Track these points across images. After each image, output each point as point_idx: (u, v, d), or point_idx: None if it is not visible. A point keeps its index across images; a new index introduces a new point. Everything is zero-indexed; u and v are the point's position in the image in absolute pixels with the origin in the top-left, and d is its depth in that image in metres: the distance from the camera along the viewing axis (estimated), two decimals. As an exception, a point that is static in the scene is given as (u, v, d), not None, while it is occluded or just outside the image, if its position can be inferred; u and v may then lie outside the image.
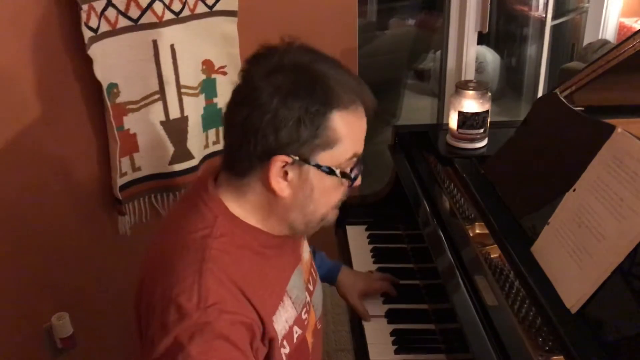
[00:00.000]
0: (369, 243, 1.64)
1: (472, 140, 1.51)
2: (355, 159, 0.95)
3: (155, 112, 1.64)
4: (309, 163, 0.90)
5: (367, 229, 1.70)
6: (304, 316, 1.07)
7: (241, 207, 0.95)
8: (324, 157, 0.90)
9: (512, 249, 1.12)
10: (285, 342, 1.00)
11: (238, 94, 0.92)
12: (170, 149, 1.70)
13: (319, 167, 0.90)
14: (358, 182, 0.98)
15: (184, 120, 1.70)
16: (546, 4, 3.36)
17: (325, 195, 0.95)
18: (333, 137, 0.89)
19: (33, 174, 1.51)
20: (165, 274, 0.89)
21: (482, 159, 1.44)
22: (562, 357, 0.91)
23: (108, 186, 1.64)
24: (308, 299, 1.11)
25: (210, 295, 0.86)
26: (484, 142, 1.53)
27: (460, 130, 1.51)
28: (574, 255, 0.99)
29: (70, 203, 1.61)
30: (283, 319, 1.00)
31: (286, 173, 0.90)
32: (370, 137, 0.99)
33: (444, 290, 1.13)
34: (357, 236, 1.67)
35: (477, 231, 1.27)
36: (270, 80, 0.87)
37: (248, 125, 0.88)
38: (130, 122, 1.60)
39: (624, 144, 1.00)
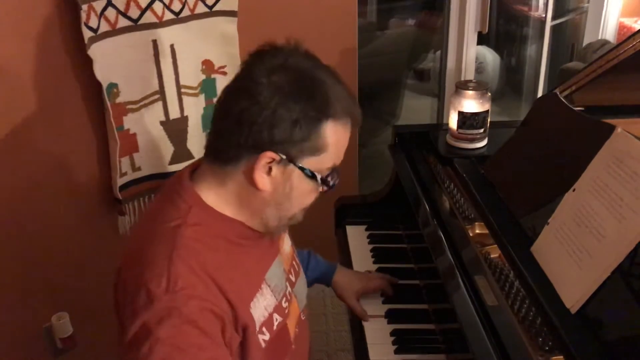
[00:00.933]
0: (369, 243, 1.64)
1: (472, 140, 1.51)
2: (332, 170, 0.99)
3: (155, 112, 1.64)
4: (294, 164, 0.93)
5: (367, 229, 1.70)
6: (284, 304, 1.09)
7: (218, 195, 0.97)
8: (309, 162, 0.94)
9: (512, 249, 1.12)
10: (264, 329, 1.02)
11: (235, 85, 0.95)
12: (170, 149, 1.70)
13: (302, 169, 0.94)
14: (334, 188, 1.02)
15: (184, 120, 1.70)
16: (546, 4, 3.37)
17: (301, 197, 0.99)
18: (322, 144, 0.93)
19: (33, 174, 1.51)
20: (137, 262, 0.91)
21: (482, 159, 1.44)
22: (562, 357, 0.91)
23: (108, 186, 1.64)
24: (289, 289, 1.13)
25: (179, 280, 0.88)
26: (484, 142, 1.53)
27: (460, 130, 1.51)
28: (574, 255, 0.99)
29: (70, 203, 1.61)
30: (262, 306, 1.02)
31: (270, 169, 0.93)
32: (370, 137, 1.01)
33: (444, 290, 1.13)
34: (357, 236, 1.67)
35: (477, 231, 1.27)
36: (272, 79, 0.89)
37: (244, 117, 0.90)
38: (130, 122, 1.60)
39: (624, 144, 1.00)
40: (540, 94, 3.47)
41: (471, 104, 1.48)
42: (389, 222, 1.69)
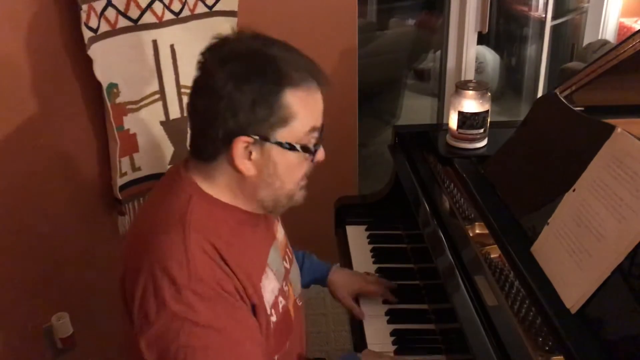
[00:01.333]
0: (369, 243, 1.64)
1: (472, 140, 1.51)
2: (315, 134, 0.99)
3: (155, 112, 1.64)
4: (269, 141, 0.95)
5: (367, 229, 1.70)
6: (285, 288, 1.14)
7: (212, 189, 1.00)
8: (283, 134, 0.95)
9: (512, 249, 1.12)
10: (272, 311, 1.06)
11: (196, 84, 0.97)
12: (170, 149, 1.70)
13: (279, 144, 0.95)
14: (321, 156, 1.02)
15: (183, 120, 1.70)
16: (546, 4, 3.37)
17: (289, 171, 0.99)
18: (288, 114, 0.94)
19: (33, 174, 1.51)
20: (149, 252, 0.93)
21: (482, 159, 1.44)
22: (562, 357, 0.91)
23: (108, 186, 1.64)
24: (286, 270, 1.17)
25: (198, 266, 0.91)
26: (484, 142, 1.53)
27: (460, 130, 1.51)
28: (574, 255, 0.99)
29: (70, 203, 1.61)
30: (269, 289, 1.06)
31: (250, 153, 0.95)
32: (370, 137, 1.01)
33: (444, 290, 1.13)
34: (357, 236, 1.67)
35: (477, 231, 1.27)
36: (224, 68, 0.92)
37: (208, 112, 0.93)
38: (130, 122, 1.60)
39: (624, 144, 1.00)
40: (540, 94, 3.47)
41: (471, 104, 1.48)
42: (389, 222, 1.69)
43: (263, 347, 1.00)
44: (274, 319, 1.06)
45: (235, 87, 0.91)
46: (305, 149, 0.98)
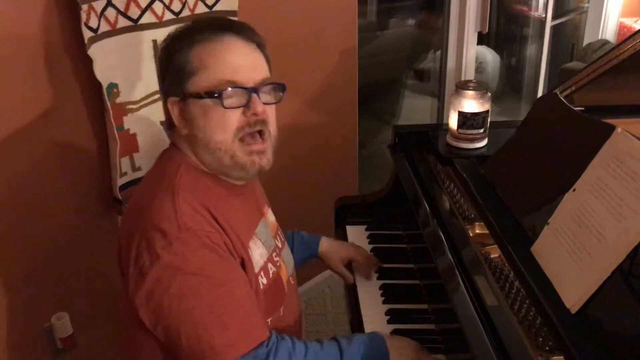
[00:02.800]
0: (369, 243, 1.64)
1: (472, 140, 1.51)
2: (233, 85, 1.02)
3: (155, 112, 1.64)
4: (185, 95, 1.04)
5: (367, 229, 1.70)
6: (275, 258, 1.20)
7: (191, 156, 1.09)
8: (192, 86, 1.03)
9: (512, 249, 1.12)
10: (262, 274, 1.12)
11: None
12: (170, 149, 1.70)
13: (190, 95, 1.03)
14: (258, 109, 1.04)
15: (184, 120, 1.70)
16: (546, 4, 3.37)
17: (210, 122, 1.04)
18: (196, 66, 1.03)
19: (32, 174, 1.51)
20: (142, 214, 1.00)
21: (482, 159, 1.44)
22: (562, 357, 0.91)
23: (108, 186, 1.64)
24: (278, 249, 1.23)
25: (187, 218, 0.97)
26: (484, 142, 1.53)
27: (460, 130, 1.51)
28: (574, 255, 0.99)
29: (70, 203, 1.61)
30: (257, 253, 1.12)
31: (181, 112, 1.06)
32: (370, 137, 1.03)
33: (444, 290, 1.13)
34: (357, 236, 1.67)
35: (477, 231, 1.27)
36: (163, 43, 1.09)
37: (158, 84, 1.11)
38: (130, 122, 1.60)
39: (624, 144, 1.00)
40: (540, 94, 3.47)
41: (471, 104, 1.48)
42: (389, 222, 1.69)
43: (253, 300, 1.04)
44: (264, 281, 1.12)
45: (160, 57, 1.08)
46: (210, 94, 1.02)
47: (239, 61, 1.04)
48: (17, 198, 1.50)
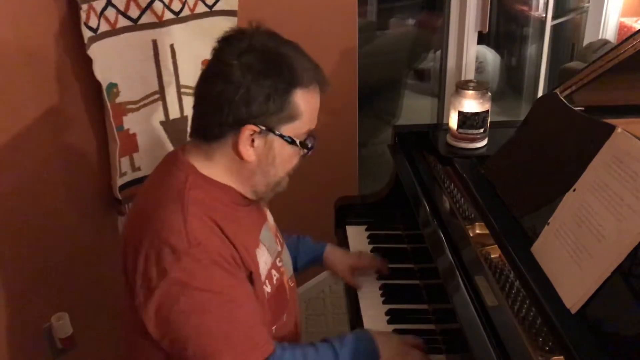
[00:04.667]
0: (369, 243, 1.64)
1: (472, 140, 1.51)
2: (309, 134, 1.09)
3: (155, 112, 1.64)
4: (274, 133, 1.03)
5: (367, 229, 1.70)
6: (278, 264, 1.20)
7: (210, 168, 1.06)
8: (287, 129, 1.04)
9: (512, 249, 1.12)
10: (267, 281, 1.13)
11: (210, 70, 1.05)
12: (170, 149, 1.70)
13: (282, 137, 1.04)
14: (312, 152, 1.12)
15: (183, 120, 1.70)
16: (546, 4, 3.37)
17: (284, 162, 1.08)
18: (295, 112, 1.03)
19: (32, 174, 1.51)
20: (150, 225, 0.99)
21: (482, 159, 1.44)
22: (562, 357, 0.91)
23: (108, 186, 1.64)
24: (279, 252, 1.23)
25: (197, 234, 0.97)
26: (484, 142, 1.53)
27: (460, 130, 1.51)
28: (574, 255, 0.99)
29: (70, 203, 1.61)
30: (263, 260, 1.12)
31: (253, 141, 1.02)
32: (370, 137, 1.04)
33: (444, 290, 1.13)
34: (357, 236, 1.67)
35: (477, 231, 1.27)
36: (242, 60, 0.99)
37: (222, 98, 0.99)
38: (130, 122, 1.60)
39: (624, 144, 1.00)
40: (540, 94, 3.47)
41: (471, 103, 1.48)
42: (389, 222, 1.69)
43: (260, 314, 1.06)
44: (268, 289, 1.13)
45: (253, 80, 0.98)
46: (303, 144, 1.07)
47: (317, 114, 1.10)
48: (17, 198, 1.49)
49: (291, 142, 1.05)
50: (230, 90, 0.98)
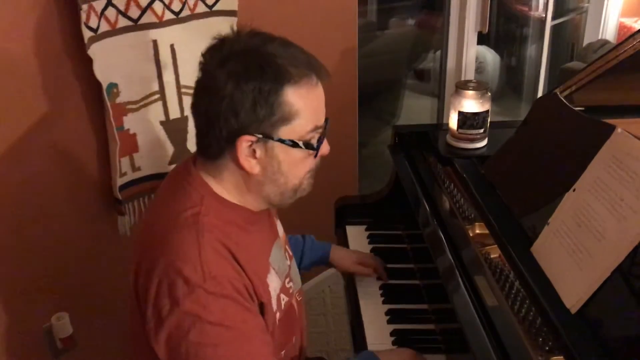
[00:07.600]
0: (369, 243, 1.64)
1: (472, 140, 1.51)
2: (319, 130, 1.00)
3: (155, 112, 1.64)
4: (272, 139, 0.95)
5: (367, 229, 1.70)
6: (287, 285, 1.16)
7: (221, 185, 1.02)
8: (285, 132, 0.96)
9: (512, 249, 1.12)
10: (276, 308, 1.09)
11: (198, 85, 0.99)
12: (170, 149, 1.70)
13: (282, 141, 0.96)
14: (325, 150, 1.04)
15: (183, 120, 1.70)
16: (546, 4, 3.37)
17: (293, 167, 1.01)
18: (290, 112, 0.95)
19: (32, 174, 1.51)
20: (164, 251, 0.95)
21: (482, 159, 1.44)
22: (562, 357, 0.91)
23: (108, 186, 1.64)
24: (288, 268, 1.20)
25: (212, 265, 0.93)
26: (484, 142, 1.53)
27: (460, 130, 1.51)
28: (574, 255, 0.99)
29: (70, 203, 1.61)
30: (272, 287, 1.08)
31: (254, 151, 0.97)
32: (370, 137, 1.02)
33: (444, 290, 1.13)
34: (357, 236, 1.67)
35: (477, 231, 1.27)
36: (223, 68, 0.92)
37: (210, 113, 0.95)
38: (130, 122, 1.60)
39: (624, 144, 1.00)
40: (540, 94, 3.47)
41: (471, 104, 1.48)
42: (389, 222, 1.69)
43: (271, 346, 1.02)
44: (278, 315, 1.10)
45: (235, 87, 0.91)
46: (308, 145, 0.99)
47: (321, 107, 1.01)
48: (17, 198, 1.49)
49: (293, 145, 0.97)
50: (215, 102, 0.93)
